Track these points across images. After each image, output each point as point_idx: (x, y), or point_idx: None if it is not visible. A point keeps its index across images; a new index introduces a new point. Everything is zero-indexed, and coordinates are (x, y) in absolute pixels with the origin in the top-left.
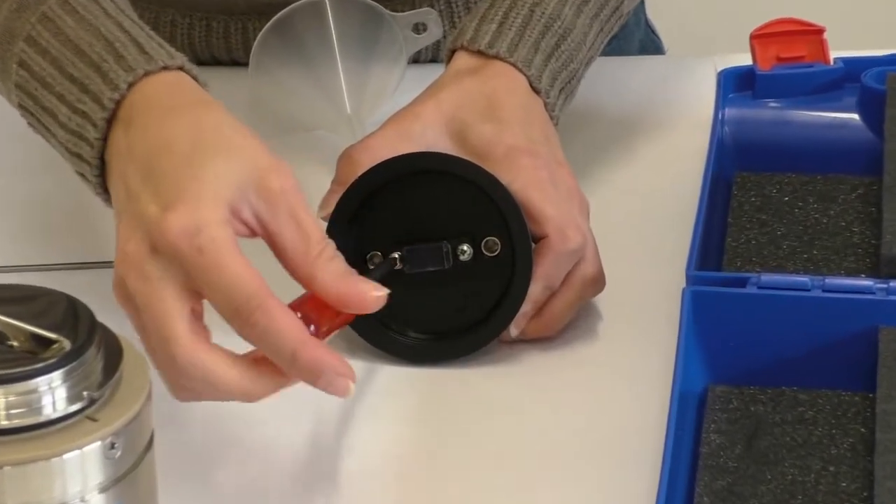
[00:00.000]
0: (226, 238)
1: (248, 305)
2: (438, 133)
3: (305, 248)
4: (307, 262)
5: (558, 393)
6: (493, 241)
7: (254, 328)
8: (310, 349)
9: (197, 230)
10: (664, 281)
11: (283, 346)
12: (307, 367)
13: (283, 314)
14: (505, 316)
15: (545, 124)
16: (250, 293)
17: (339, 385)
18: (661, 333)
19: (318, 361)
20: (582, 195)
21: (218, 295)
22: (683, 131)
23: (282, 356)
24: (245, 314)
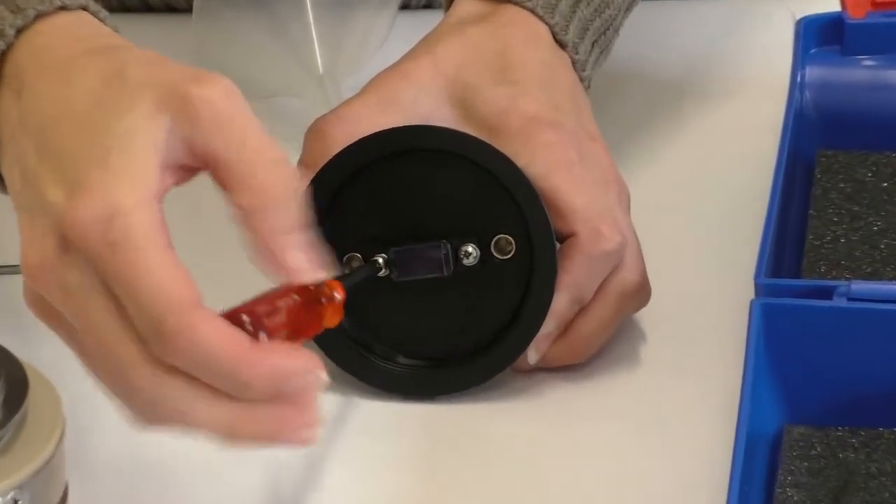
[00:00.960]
0: (144, 225)
1: (166, 326)
2: (435, 100)
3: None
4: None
5: (589, 437)
6: (505, 240)
7: (177, 355)
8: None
9: (109, 217)
10: (726, 292)
11: (222, 372)
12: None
13: (212, 330)
14: (521, 337)
15: (573, 88)
16: (170, 307)
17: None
18: (722, 359)
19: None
20: (621, 180)
21: (130, 302)
22: (751, 97)
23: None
24: (163, 338)
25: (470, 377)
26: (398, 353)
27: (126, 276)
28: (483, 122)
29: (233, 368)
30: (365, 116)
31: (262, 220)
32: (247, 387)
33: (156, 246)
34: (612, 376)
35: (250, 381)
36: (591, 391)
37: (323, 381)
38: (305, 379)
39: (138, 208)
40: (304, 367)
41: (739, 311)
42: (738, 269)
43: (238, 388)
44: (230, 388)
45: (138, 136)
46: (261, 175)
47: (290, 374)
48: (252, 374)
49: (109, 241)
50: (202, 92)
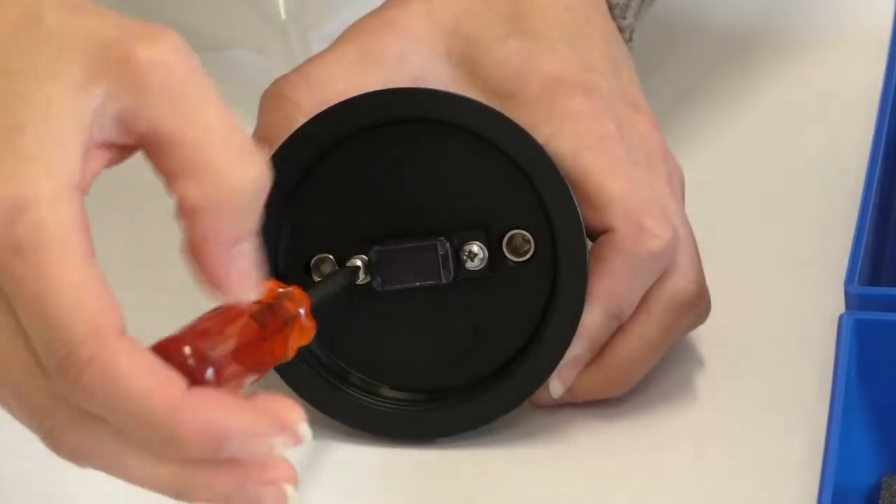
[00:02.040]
0: (60, 224)
1: (74, 358)
2: (430, 57)
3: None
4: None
5: (629, 495)
6: (521, 236)
7: (89, 397)
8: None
9: (16, 211)
10: (808, 304)
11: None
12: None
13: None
14: (541, 363)
15: (609, 41)
16: (80, 332)
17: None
18: (802, 391)
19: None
20: (672, 161)
21: (32, 324)
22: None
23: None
24: (72, 372)
25: (475, 416)
26: (382, 385)
27: (31, 289)
28: (492, 85)
29: (158, 420)
30: (338, 76)
31: (212, 221)
32: (174, 445)
33: (73, 252)
34: (656, 415)
35: (179, 439)
36: (631, 434)
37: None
38: (252, 443)
39: (54, 201)
40: (251, 427)
41: (826, 329)
42: (823, 276)
43: (163, 447)
44: (154, 444)
45: (62, 110)
46: (223, 164)
47: (233, 435)
48: (183, 430)
49: (13, 241)
50: (151, 53)
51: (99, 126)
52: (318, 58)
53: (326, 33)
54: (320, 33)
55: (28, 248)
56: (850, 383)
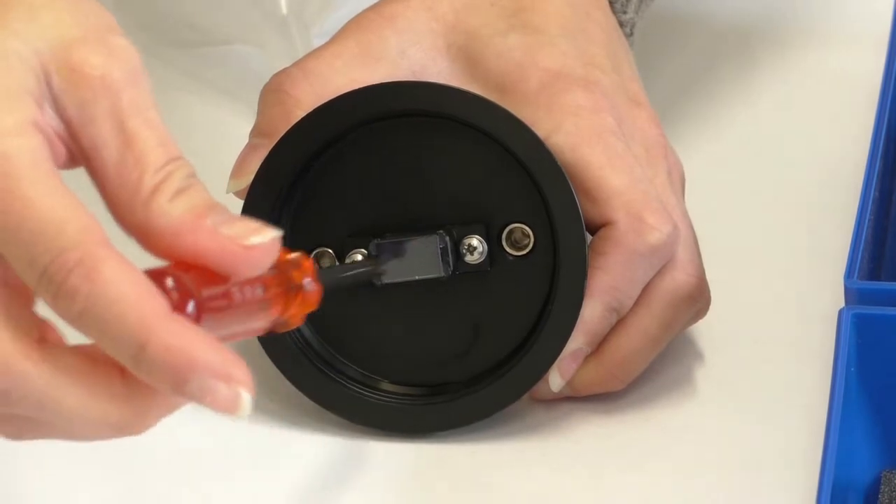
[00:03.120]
0: (29, 153)
1: (62, 261)
2: (430, 51)
3: (135, 179)
4: (137, 206)
5: (630, 489)
6: (521, 230)
7: (72, 298)
8: (167, 332)
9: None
10: (808, 298)
11: (121, 327)
12: (163, 363)
13: (120, 273)
14: (540, 357)
15: (610, 35)
16: (68, 241)
17: (221, 395)
18: (802, 386)
19: (182, 352)
20: (673, 155)
21: (14, 247)
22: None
23: (121, 345)
24: (58, 276)
25: (474, 410)
26: (380, 379)
27: (8, 212)
28: (492, 79)
29: (132, 328)
30: (338, 70)
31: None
32: (141, 358)
33: (45, 175)
34: (658, 409)
35: (147, 352)
36: (631, 428)
37: (239, 402)
38: (216, 386)
39: (19, 133)
40: (224, 368)
41: (825, 324)
42: (823, 270)
43: (129, 353)
44: (120, 349)
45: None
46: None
47: (201, 367)
48: (153, 345)
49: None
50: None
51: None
52: (318, 52)
53: (327, 28)
54: (321, 28)
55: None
56: (849, 378)
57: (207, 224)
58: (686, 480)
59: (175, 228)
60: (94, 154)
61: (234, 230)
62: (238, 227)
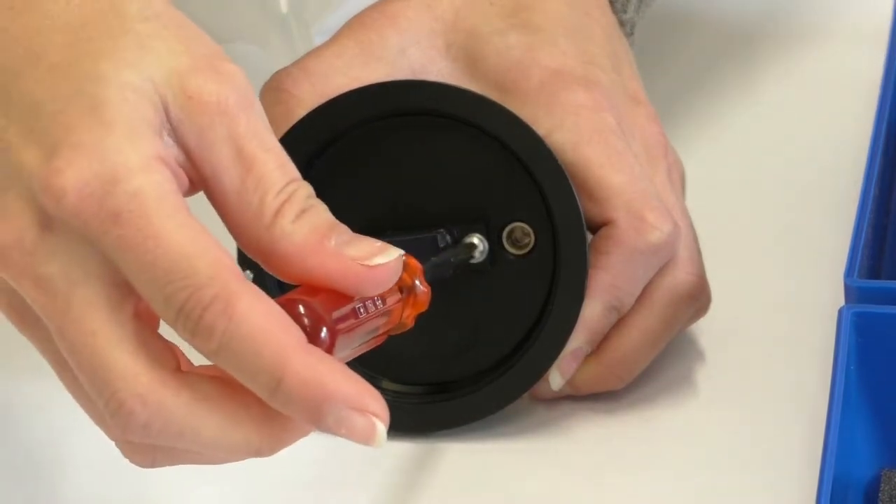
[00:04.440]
0: (158, 188)
1: (198, 298)
2: (430, 50)
3: (257, 202)
4: (260, 227)
5: (630, 488)
6: (521, 229)
7: (210, 335)
8: (303, 365)
9: (109, 182)
10: (808, 297)
11: (259, 362)
12: (300, 397)
13: (255, 307)
14: (541, 356)
15: (610, 35)
16: (203, 278)
17: (357, 426)
18: (802, 384)
19: (319, 385)
20: (673, 154)
21: (150, 285)
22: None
23: (258, 379)
24: (194, 313)
25: (475, 408)
26: (382, 377)
27: (142, 249)
28: (492, 78)
29: (269, 362)
30: (339, 69)
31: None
32: (278, 392)
33: (176, 210)
34: (659, 408)
35: (284, 386)
36: (632, 427)
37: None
38: (353, 417)
39: (145, 170)
40: (360, 399)
41: (825, 322)
42: (823, 269)
43: (266, 387)
44: (257, 383)
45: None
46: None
47: (338, 399)
48: (290, 378)
49: (111, 210)
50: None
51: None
52: (318, 51)
53: (327, 27)
54: (321, 27)
55: (129, 214)
56: (849, 376)
57: (331, 245)
58: (686, 479)
59: (299, 250)
60: (214, 180)
61: (358, 251)
62: (362, 247)
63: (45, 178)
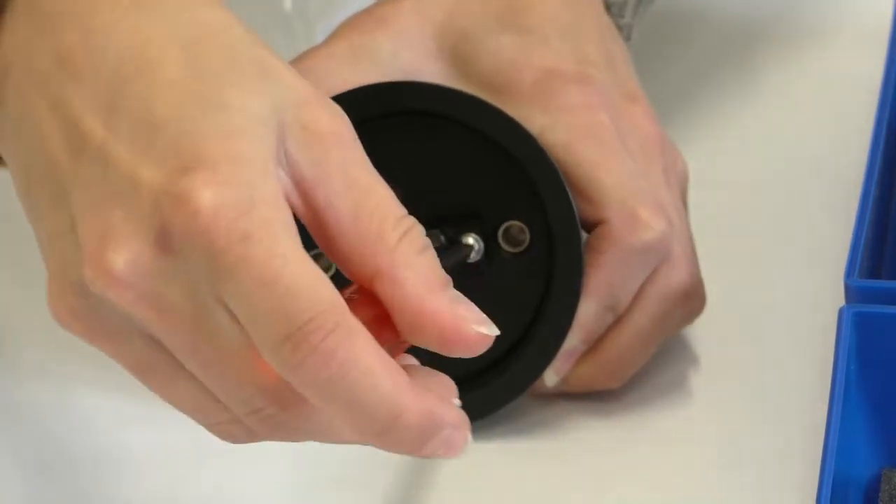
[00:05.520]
0: (285, 222)
1: (321, 321)
2: (421, 52)
3: (376, 228)
4: (381, 251)
5: (625, 487)
6: (517, 228)
7: (328, 361)
8: (418, 399)
9: (245, 208)
10: (807, 297)
11: (374, 397)
12: (415, 430)
13: (373, 343)
14: (537, 355)
15: (605, 35)
16: (327, 304)
17: (457, 444)
18: (801, 385)
19: (433, 416)
20: (671, 152)
21: (265, 305)
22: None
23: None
24: (315, 336)
25: (471, 408)
26: None
27: (267, 266)
28: (485, 78)
29: (387, 398)
30: (331, 71)
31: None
32: (394, 427)
33: (295, 242)
34: (653, 408)
35: (402, 420)
36: (626, 427)
37: (467, 441)
38: (454, 436)
39: (276, 204)
40: (456, 419)
41: (825, 322)
42: (824, 268)
43: (382, 427)
44: (370, 420)
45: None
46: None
47: (445, 425)
48: (408, 412)
49: (244, 231)
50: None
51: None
52: (311, 53)
53: (331, 26)
54: (325, 26)
55: (260, 234)
56: (849, 376)
57: (450, 295)
58: (686, 479)
59: (419, 285)
60: (329, 209)
61: (469, 312)
62: (472, 309)
63: (177, 193)
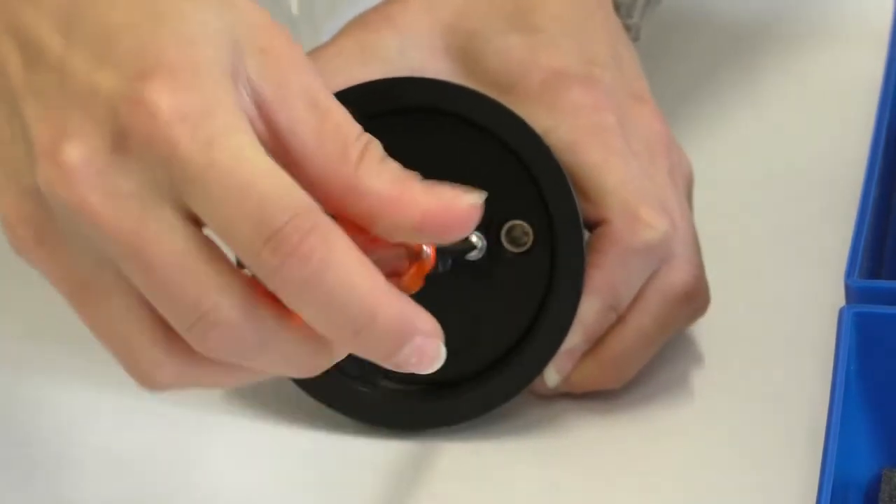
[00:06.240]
0: (248, 129)
1: (298, 222)
2: (428, 51)
3: (339, 148)
4: (344, 168)
5: (632, 484)
6: (520, 227)
7: (306, 261)
8: (394, 301)
9: (206, 114)
10: (808, 297)
11: (353, 296)
12: (390, 332)
13: (350, 243)
14: (538, 353)
15: (614, 36)
16: (303, 206)
17: (429, 353)
18: (801, 385)
19: (408, 320)
20: (677, 153)
21: (237, 210)
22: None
23: (348, 316)
24: (293, 237)
25: (473, 406)
26: (379, 375)
27: (235, 173)
28: (492, 78)
29: (366, 297)
30: (339, 67)
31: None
32: (370, 327)
33: (259, 149)
34: (653, 407)
35: (378, 320)
36: (631, 427)
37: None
38: (426, 344)
39: (235, 108)
40: (430, 328)
41: (826, 322)
42: (824, 269)
43: (357, 323)
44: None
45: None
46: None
47: (417, 331)
48: (383, 312)
49: (206, 136)
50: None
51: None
52: (319, 51)
53: (337, 28)
54: (331, 28)
55: (224, 141)
56: (849, 376)
57: (424, 184)
58: (686, 479)
59: (391, 189)
60: (290, 131)
61: (448, 190)
62: (449, 189)
63: (135, 97)
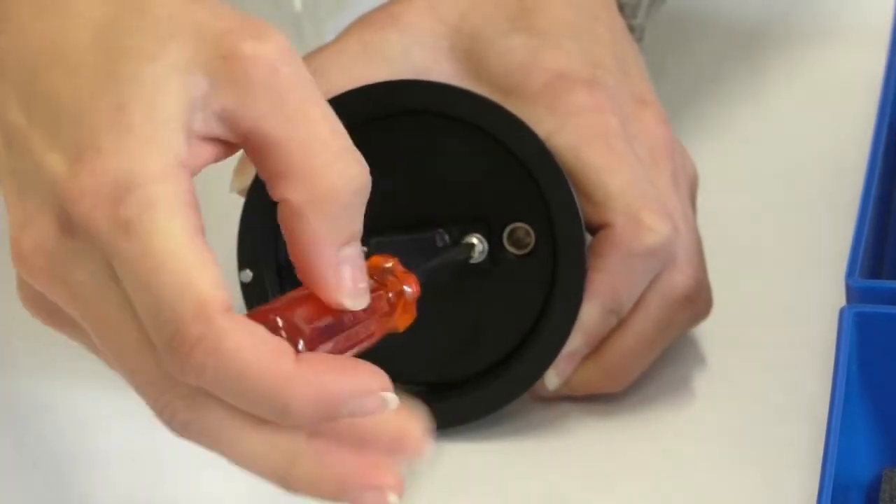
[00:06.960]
0: (170, 201)
1: (183, 335)
2: (433, 52)
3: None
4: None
5: (632, 484)
6: (522, 230)
7: (200, 373)
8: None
9: (125, 189)
10: (809, 298)
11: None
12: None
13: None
14: (539, 356)
15: (618, 37)
16: (189, 313)
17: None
18: (803, 385)
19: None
20: (681, 156)
21: (143, 308)
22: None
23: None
24: (181, 350)
25: (474, 408)
26: None
27: (140, 269)
28: (495, 80)
29: (270, 393)
30: (342, 67)
31: (313, 222)
32: (288, 415)
33: (182, 230)
34: (654, 408)
35: (292, 409)
36: (629, 430)
37: (390, 403)
38: (363, 403)
39: (163, 178)
40: (360, 386)
41: (826, 322)
42: (825, 269)
43: (278, 418)
44: (265, 411)
45: (166, 89)
46: (323, 165)
47: (344, 398)
48: (295, 400)
49: (123, 219)
50: (257, 51)
51: (204, 119)
52: (322, 50)
53: (340, 26)
54: (335, 26)
55: (137, 227)
56: (850, 376)
57: None
58: (686, 479)
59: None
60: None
61: None
62: None
63: (66, 184)
